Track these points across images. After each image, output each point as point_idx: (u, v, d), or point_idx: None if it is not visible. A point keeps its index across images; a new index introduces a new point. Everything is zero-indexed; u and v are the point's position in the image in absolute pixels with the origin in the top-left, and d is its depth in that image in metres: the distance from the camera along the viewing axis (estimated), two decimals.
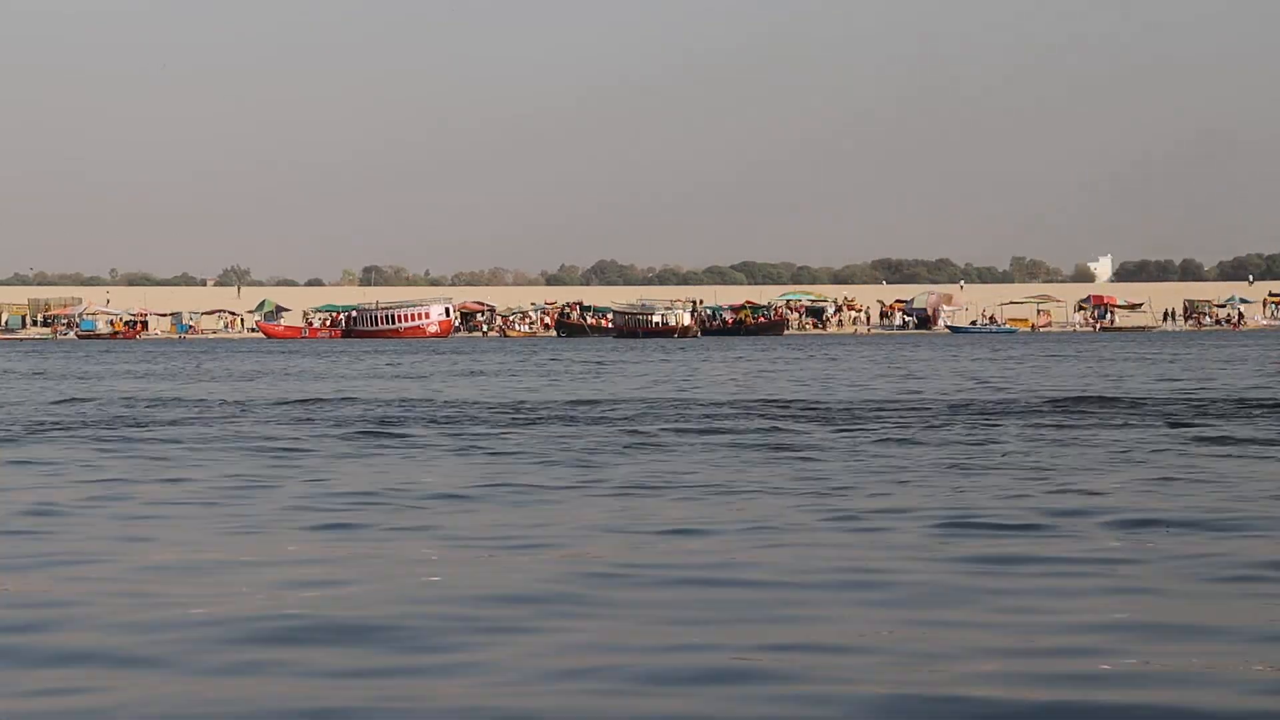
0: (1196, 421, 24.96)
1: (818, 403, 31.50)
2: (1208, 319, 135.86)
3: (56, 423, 27.52)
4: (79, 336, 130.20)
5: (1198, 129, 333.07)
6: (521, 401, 33.30)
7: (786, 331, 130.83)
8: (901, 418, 26.54)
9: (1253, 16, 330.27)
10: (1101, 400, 31.28)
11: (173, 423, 27.29)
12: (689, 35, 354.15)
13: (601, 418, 27.38)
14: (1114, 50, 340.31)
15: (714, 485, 16.42)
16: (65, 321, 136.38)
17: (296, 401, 34.14)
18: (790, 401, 32.15)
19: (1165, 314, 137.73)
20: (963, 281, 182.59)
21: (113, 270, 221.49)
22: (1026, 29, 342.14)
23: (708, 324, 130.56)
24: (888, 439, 22.24)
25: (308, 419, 27.94)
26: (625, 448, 21.19)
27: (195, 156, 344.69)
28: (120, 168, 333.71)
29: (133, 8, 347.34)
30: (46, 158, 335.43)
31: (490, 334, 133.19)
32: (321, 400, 34.47)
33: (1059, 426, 24.31)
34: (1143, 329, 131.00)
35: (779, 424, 25.39)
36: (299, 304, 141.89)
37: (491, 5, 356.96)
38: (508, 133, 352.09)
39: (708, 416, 27.41)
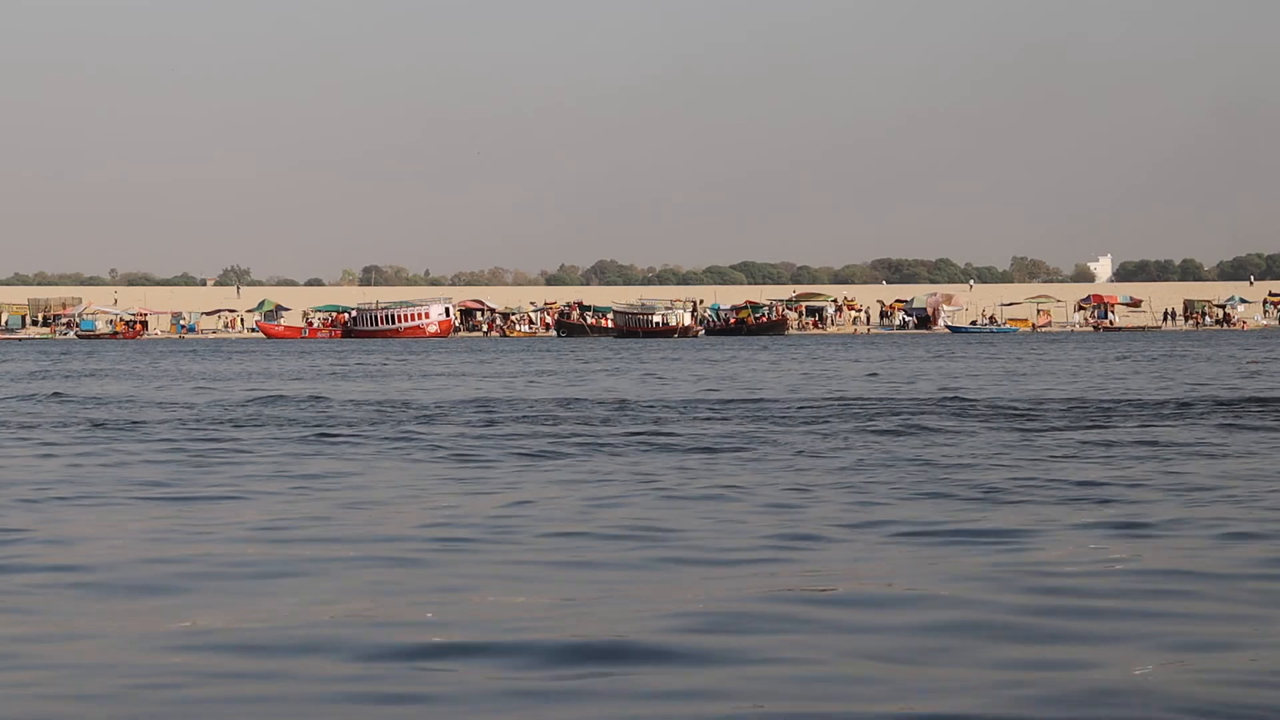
0: None
1: (1040, 400, 31.63)
2: (1208, 319, 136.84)
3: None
4: (79, 336, 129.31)
5: (1198, 129, 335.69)
6: (763, 399, 33.37)
7: (787, 331, 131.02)
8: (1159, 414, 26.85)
9: (1253, 14, 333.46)
10: None
11: (550, 417, 27.36)
12: (689, 35, 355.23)
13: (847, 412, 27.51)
14: (1114, 50, 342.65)
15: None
16: (65, 321, 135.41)
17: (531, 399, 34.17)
18: (994, 398, 32.25)
19: (1165, 314, 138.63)
20: (972, 281, 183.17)
21: (113, 270, 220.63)
22: (1026, 29, 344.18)
23: (709, 324, 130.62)
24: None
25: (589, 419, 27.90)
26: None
27: (195, 156, 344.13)
28: (120, 168, 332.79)
29: (133, 7, 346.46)
30: (46, 158, 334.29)
31: (490, 334, 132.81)
32: (581, 400, 34.30)
33: None
34: (1143, 329, 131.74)
35: (1021, 420, 25.57)
36: (299, 304, 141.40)
37: (492, 5, 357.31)
38: (508, 133, 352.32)
39: (922, 413, 27.55)
